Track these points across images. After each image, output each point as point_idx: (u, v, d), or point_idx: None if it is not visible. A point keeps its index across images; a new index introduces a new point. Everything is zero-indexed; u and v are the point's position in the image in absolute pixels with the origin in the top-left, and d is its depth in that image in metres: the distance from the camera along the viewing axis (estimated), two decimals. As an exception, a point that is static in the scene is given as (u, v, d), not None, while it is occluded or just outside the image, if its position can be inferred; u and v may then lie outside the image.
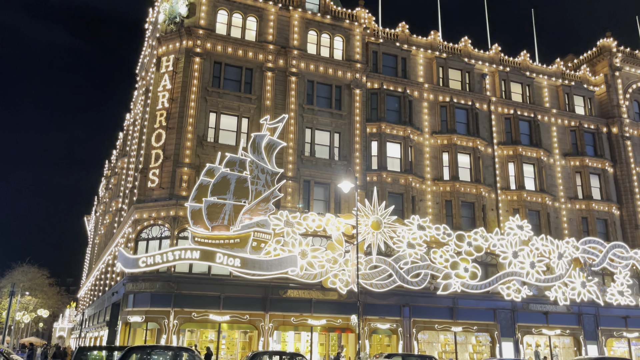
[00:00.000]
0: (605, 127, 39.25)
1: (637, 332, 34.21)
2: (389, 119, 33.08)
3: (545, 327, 32.10)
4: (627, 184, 37.69)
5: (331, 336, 28.94)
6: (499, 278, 30.85)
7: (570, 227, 35.74)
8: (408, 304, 29.25)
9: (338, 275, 27.48)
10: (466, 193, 33.28)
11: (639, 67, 41.62)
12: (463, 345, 31.04)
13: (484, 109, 36.15)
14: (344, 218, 28.73)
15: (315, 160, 30.59)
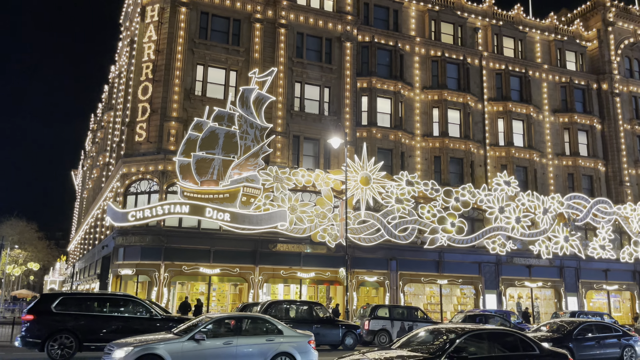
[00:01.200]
0: (595, 83, 39.15)
1: (617, 285, 35.41)
2: (379, 73, 32.64)
3: (527, 280, 33.08)
4: (614, 141, 38.02)
5: (320, 288, 29.57)
6: (485, 233, 31.46)
7: (556, 183, 36.22)
8: (395, 257, 29.83)
9: (327, 229, 27.80)
10: (455, 149, 33.39)
11: (632, 22, 41.14)
12: (448, 297, 31.96)
13: (476, 64, 35.76)
14: (334, 174, 28.79)
15: (305, 115, 30.30)
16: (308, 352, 11.83)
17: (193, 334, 10.90)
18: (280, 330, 11.86)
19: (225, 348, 11.09)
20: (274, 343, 11.54)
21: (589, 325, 16.64)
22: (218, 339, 11.22)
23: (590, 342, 16.06)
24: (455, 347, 8.48)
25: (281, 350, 11.47)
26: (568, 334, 16.00)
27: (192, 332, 11.02)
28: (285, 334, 11.84)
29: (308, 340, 12.01)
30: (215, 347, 11.02)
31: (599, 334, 16.48)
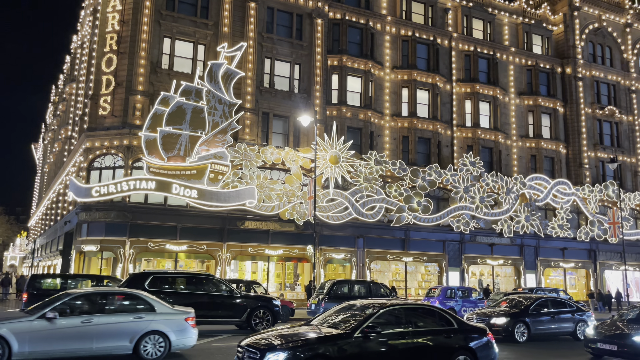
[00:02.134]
0: (559, 67, 40.04)
1: (573, 263, 36.93)
2: (350, 51, 32.49)
3: (489, 258, 34.14)
4: (576, 124, 39.17)
5: (287, 265, 29.79)
6: (450, 212, 32.17)
7: (519, 164, 37.19)
8: (362, 235, 30.24)
9: (296, 207, 27.89)
10: (423, 129, 33.76)
11: (597, 7, 42.05)
12: (412, 274, 32.72)
13: (445, 45, 36.00)
14: (303, 152, 28.76)
15: (275, 92, 30.01)
16: (184, 330, 10.80)
17: (44, 312, 9.71)
18: (152, 306, 10.68)
19: (83, 327, 9.84)
20: (142, 321, 10.38)
21: (545, 301, 17.22)
22: (76, 318, 9.93)
23: (546, 317, 16.67)
24: (370, 323, 8.38)
25: (152, 328, 10.39)
26: (525, 309, 16.55)
27: (44, 309, 9.83)
28: (158, 310, 10.68)
29: (185, 317, 10.94)
30: (70, 327, 9.77)
31: (554, 309, 17.11)
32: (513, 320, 15.97)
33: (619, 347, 12.20)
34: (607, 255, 37.75)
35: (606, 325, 13.33)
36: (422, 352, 8.73)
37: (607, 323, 13.59)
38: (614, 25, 42.71)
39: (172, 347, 10.69)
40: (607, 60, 42.19)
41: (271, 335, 8.38)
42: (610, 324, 13.34)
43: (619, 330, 12.75)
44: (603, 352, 12.68)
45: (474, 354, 9.12)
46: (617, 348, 12.24)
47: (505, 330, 15.88)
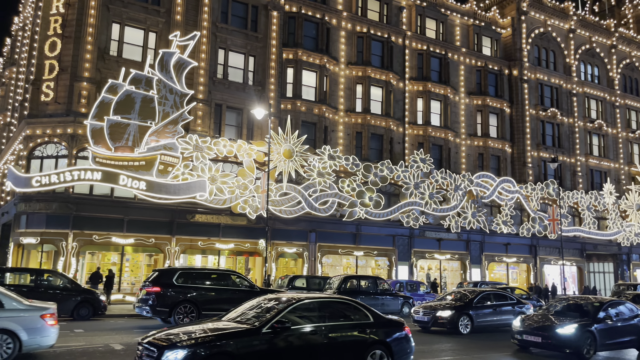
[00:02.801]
0: (507, 69, 41.50)
1: (515, 258, 38.51)
2: (306, 45, 32.41)
3: (437, 252, 35.07)
4: (520, 124, 40.74)
5: (238, 260, 29.50)
6: (401, 207, 32.79)
7: (467, 162, 38.34)
8: (315, 229, 30.35)
9: (248, 201, 27.62)
10: (376, 126, 34.19)
11: (543, 13, 43.80)
12: (363, 268, 33.15)
13: (399, 43, 36.53)
14: (256, 145, 28.49)
15: (228, 83, 29.53)
16: (40, 328, 9.75)
17: None
18: (0, 302, 9.62)
19: None
20: None
21: (488, 294, 17.86)
22: None
23: (488, 309, 17.32)
24: (281, 318, 8.02)
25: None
26: (469, 302, 17.12)
27: None
28: (6, 307, 9.56)
29: (42, 313, 9.87)
30: None
31: (496, 302, 17.79)
32: (457, 313, 16.48)
33: (543, 338, 12.49)
34: (546, 251, 39.61)
35: (532, 317, 13.68)
36: (335, 348, 8.44)
37: (533, 315, 13.98)
38: (558, 30, 44.65)
39: (24, 348, 9.62)
40: (551, 64, 44.09)
41: (180, 331, 7.88)
42: (535, 316, 13.70)
43: (543, 322, 13.02)
44: (528, 343, 12.94)
45: (389, 348, 8.97)
46: (541, 340, 12.53)
47: (450, 323, 16.38)
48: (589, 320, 12.70)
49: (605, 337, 12.70)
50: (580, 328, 12.30)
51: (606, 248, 42.62)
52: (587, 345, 12.27)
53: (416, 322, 17.53)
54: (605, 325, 12.87)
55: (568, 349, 12.23)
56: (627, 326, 13.45)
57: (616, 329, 13.18)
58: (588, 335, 12.34)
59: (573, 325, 12.32)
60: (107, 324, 16.79)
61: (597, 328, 12.58)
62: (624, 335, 13.29)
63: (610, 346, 13.02)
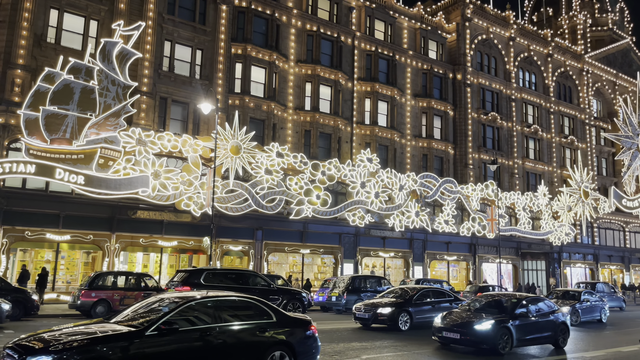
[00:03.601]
0: (451, 72, 42.83)
1: (455, 256, 39.85)
2: (255, 41, 32.11)
3: (381, 250, 35.74)
4: (463, 127, 42.19)
5: (182, 257, 28.85)
6: (347, 205, 33.15)
7: (412, 162, 39.29)
8: (261, 227, 30.16)
9: (193, 197, 27.05)
10: (325, 124, 34.38)
11: (486, 20, 45.51)
12: (309, 266, 33.29)
13: (349, 43, 36.90)
14: (203, 140, 27.94)
15: (174, 76, 28.79)
16: None
17: None
18: None
19: None
20: None
21: (427, 291, 18.39)
22: None
23: (427, 306, 17.82)
24: (169, 319, 7.40)
25: None
26: (409, 299, 17.54)
27: None
28: None
29: None
30: None
31: (435, 298, 18.36)
32: (397, 310, 16.80)
33: (462, 335, 12.54)
34: (485, 249, 41.26)
35: (453, 314, 13.77)
36: (230, 350, 7.86)
37: (454, 312, 14.09)
38: (499, 38, 46.55)
39: None
40: (493, 69, 45.91)
41: (55, 334, 7.13)
42: (456, 313, 13.79)
43: (463, 318, 13.09)
44: (448, 340, 12.91)
45: (291, 348, 8.53)
46: (460, 336, 12.56)
47: (390, 319, 16.69)
48: (506, 317, 12.85)
49: (521, 332, 12.88)
50: (497, 324, 12.43)
51: (539, 247, 44.91)
52: (503, 341, 12.43)
53: (357, 319, 17.72)
54: (522, 321, 13.04)
55: (485, 345, 12.33)
56: (544, 322, 13.71)
57: (533, 324, 13.40)
58: (504, 331, 12.48)
59: (490, 322, 12.44)
60: (39, 324, 15.97)
61: (514, 324, 12.74)
62: (541, 331, 13.52)
63: (526, 342, 13.24)
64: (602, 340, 17.20)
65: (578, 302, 21.90)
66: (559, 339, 14.11)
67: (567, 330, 14.48)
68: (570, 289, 25.17)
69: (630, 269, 53.92)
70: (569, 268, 48.41)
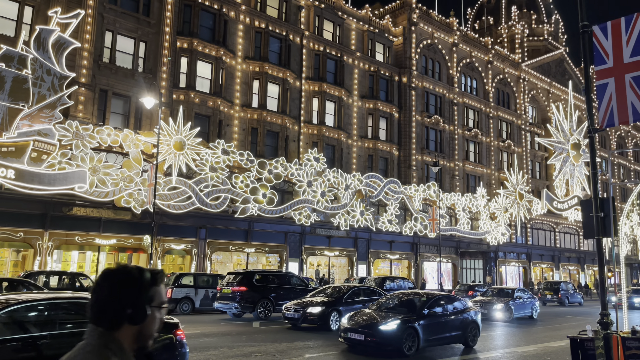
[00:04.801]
0: (397, 75, 43.75)
1: (398, 255, 40.76)
2: (202, 36, 31.46)
3: (327, 249, 36.01)
4: (407, 129, 43.20)
5: (121, 256, 27.84)
6: (293, 204, 33.14)
7: (358, 162, 39.82)
8: (205, 225, 29.60)
9: (133, 194, 26.17)
10: (272, 122, 34.21)
11: (431, 25, 46.80)
12: (254, 265, 33.01)
13: (297, 42, 36.89)
14: (145, 135, 27.08)
15: (116, 68, 27.73)
16: None
17: None
18: None
19: None
20: None
21: (359, 290, 18.07)
22: None
23: (358, 304, 17.23)
24: None
25: None
26: (340, 297, 17.08)
27: None
28: None
29: None
30: None
31: (366, 297, 17.96)
32: (328, 309, 16.30)
33: (367, 336, 11.78)
34: (426, 248, 42.45)
35: (361, 313, 13.03)
36: None
37: (363, 311, 13.42)
38: (443, 43, 48.00)
39: None
40: (437, 74, 47.29)
41: None
42: (365, 313, 13.03)
43: (369, 319, 12.34)
44: (353, 341, 12.09)
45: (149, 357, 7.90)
46: (365, 337, 11.80)
47: (321, 319, 16.21)
48: (413, 316, 12.30)
49: (429, 332, 12.37)
50: (403, 324, 11.85)
51: (477, 246, 46.73)
52: (408, 341, 11.84)
53: (287, 319, 17.01)
54: (430, 320, 12.53)
55: (389, 346, 11.66)
56: (453, 321, 13.28)
57: (442, 324, 12.93)
58: (410, 331, 11.92)
59: (395, 322, 11.83)
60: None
61: (421, 324, 12.20)
62: (450, 330, 13.03)
63: (435, 341, 12.78)
64: (531, 336, 18.09)
65: (511, 300, 22.97)
66: (468, 338, 13.69)
67: (477, 329, 14.14)
68: (505, 287, 26.42)
69: (560, 267, 57.17)
70: (504, 267, 50.67)
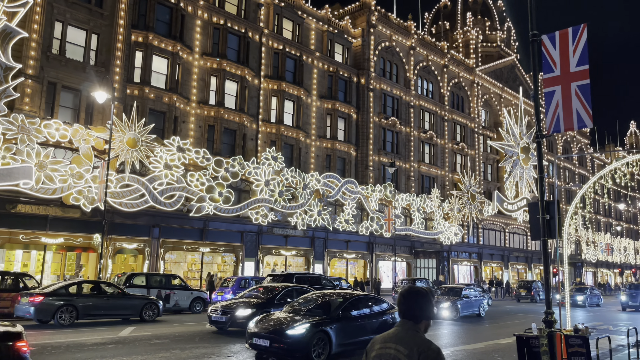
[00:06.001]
0: (356, 76, 44.14)
1: (354, 254, 41.13)
2: (158, 30, 30.70)
3: (283, 249, 35.90)
4: (365, 130, 43.67)
5: (69, 256, 26.82)
6: (251, 203, 32.86)
7: (316, 162, 39.92)
8: (158, 224, 28.92)
9: (83, 191, 25.24)
10: (230, 120, 33.79)
11: (389, 28, 47.47)
12: (209, 265, 32.54)
13: (256, 40, 36.59)
14: (96, 131, 26.17)
15: (66, 61, 26.66)
16: None
17: None
18: None
19: None
20: None
21: (290, 290, 16.63)
22: None
23: None
24: None
25: None
26: (272, 298, 15.88)
27: None
28: None
29: None
30: None
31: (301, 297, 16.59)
32: (258, 312, 14.57)
33: (273, 341, 10.59)
34: (381, 248, 43.04)
35: (271, 316, 11.83)
36: None
37: (273, 314, 12.16)
38: (401, 46, 48.78)
39: None
40: (394, 76, 48.01)
41: None
42: (275, 316, 11.79)
43: (277, 322, 11.07)
44: (259, 348, 10.84)
45: None
46: (270, 343, 10.61)
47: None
48: (325, 319, 11.15)
49: (344, 336, 11.28)
50: (312, 328, 10.66)
51: (431, 246, 47.78)
52: (318, 347, 10.74)
53: (213, 322, 15.65)
54: (345, 323, 11.42)
55: (297, 353, 10.44)
56: (373, 324, 12.20)
57: (359, 327, 11.84)
58: (321, 336, 10.78)
59: (304, 325, 10.64)
60: None
61: (334, 327, 11.08)
62: (369, 333, 11.73)
63: (350, 346, 11.62)
64: (478, 334, 18.63)
65: (459, 298, 23.38)
66: None
67: None
68: (454, 285, 26.96)
69: (509, 266, 59.25)
70: (457, 266, 52.04)
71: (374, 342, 3.33)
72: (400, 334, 3.19)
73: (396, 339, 3.18)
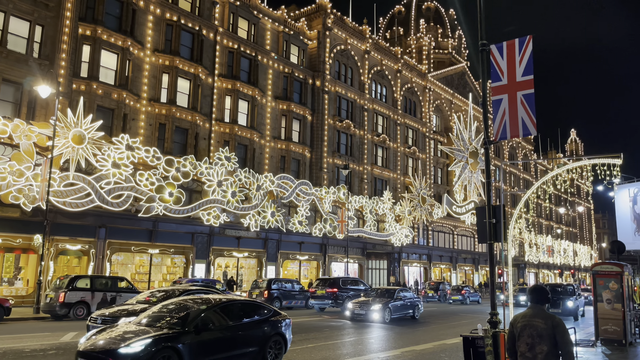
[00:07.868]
0: (311, 78, 44.23)
1: (307, 255, 41.17)
2: (107, 24, 29.65)
3: (236, 250, 35.46)
4: (320, 132, 43.83)
5: (7, 257, 25.44)
6: (202, 204, 32.26)
7: (270, 163, 39.68)
8: (105, 225, 27.92)
9: (23, 190, 24.01)
10: (182, 119, 33.07)
11: (344, 31, 47.88)
12: (158, 267, 31.70)
13: (210, 38, 36.01)
14: (39, 127, 24.97)
15: (7, 52, 25.31)
16: None
17: None
18: None
19: None
20: None
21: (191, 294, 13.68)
22: None
23: None
24: None
25: None
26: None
27: None
28: None
29: None
30: None
31: None
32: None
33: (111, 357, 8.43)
34: (334, 249, 43.29)
35: (110, 329, 9.73)
36: None
37: (113, 326, 10.09)
38: (356, 50, 49.29)
39: None
40: (349, 79, 48.45)
41: None
42: (114, 329, 9.71)
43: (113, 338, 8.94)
44: None
45: None
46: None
47: None
48: (175, 332, 9.20)
49: (203, 353, 9.45)
50: (154, 344, 8.69)
51: (383, 247, 48.49)
52: None
53: None
54: (205, 337, 9.58)
55: None
56: (245, 336, 10.57)
57: (226, 340, 10.07)
58: (167, 354, 8.82)
59: (142, 342, 8.65)
60: None
61: (189, 342, 9.21)
62: (239, 348, 10.30)
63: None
64: (407, 339, 19.03)
65: (392, 300, 22.75)
66: (268, 356, 10.91)
67: (282, 343, 11.39)
68: (387, 287, 26.49)
69: (457, 267, 60.99)
70: (407, 267, 53.07)
71: (516, 318, 5.23)
72: (536, 311, 5.13)
73: (535, 315, 5.10)
